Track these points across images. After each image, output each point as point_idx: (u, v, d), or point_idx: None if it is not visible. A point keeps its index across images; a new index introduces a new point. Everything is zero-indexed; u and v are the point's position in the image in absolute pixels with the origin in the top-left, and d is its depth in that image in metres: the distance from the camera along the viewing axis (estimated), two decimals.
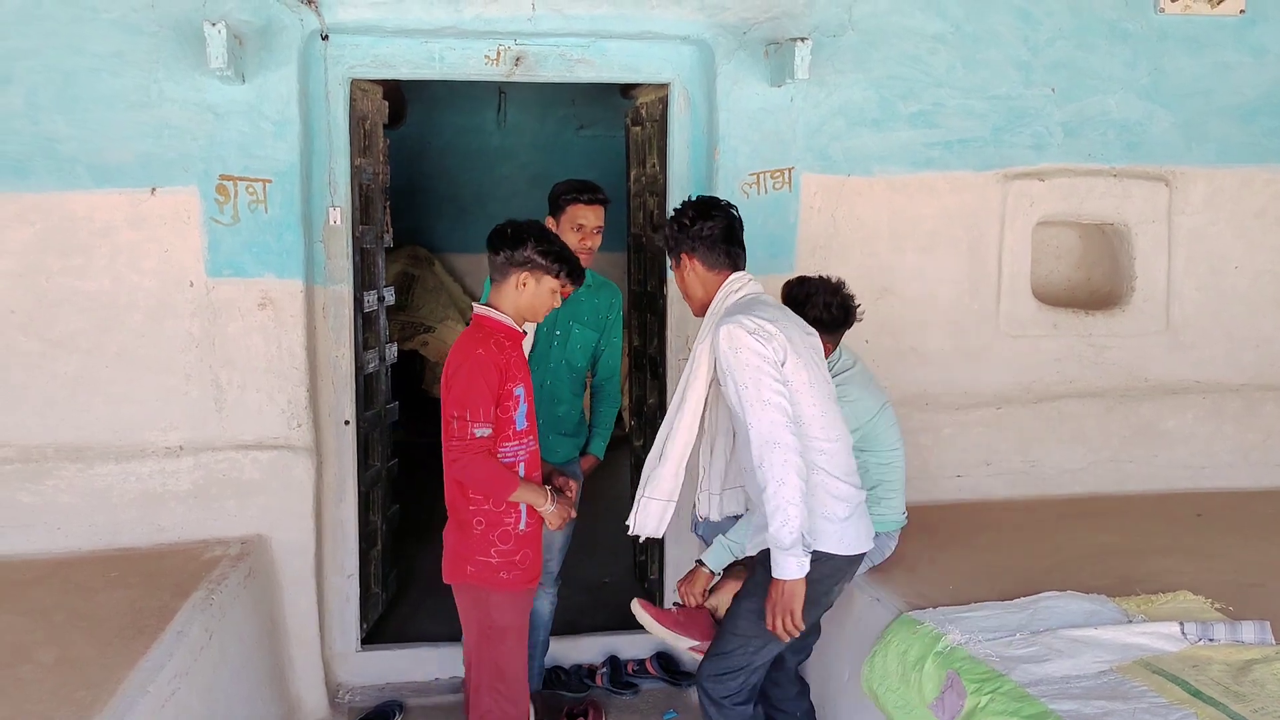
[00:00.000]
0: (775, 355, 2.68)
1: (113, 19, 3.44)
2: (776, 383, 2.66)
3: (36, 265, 3.53)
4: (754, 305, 2.81)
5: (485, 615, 3.04)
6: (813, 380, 2.77)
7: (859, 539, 2.84)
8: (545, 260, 2.93)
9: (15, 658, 2.77)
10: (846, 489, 2.80)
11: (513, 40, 3.81)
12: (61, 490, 3.58)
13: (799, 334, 2.82)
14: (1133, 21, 4.10)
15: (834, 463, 2.79)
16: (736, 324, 2.69)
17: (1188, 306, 4.36)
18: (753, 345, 2.66)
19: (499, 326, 2.96)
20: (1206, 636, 2.76)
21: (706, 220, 2.90)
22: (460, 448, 2.85)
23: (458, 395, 2.85)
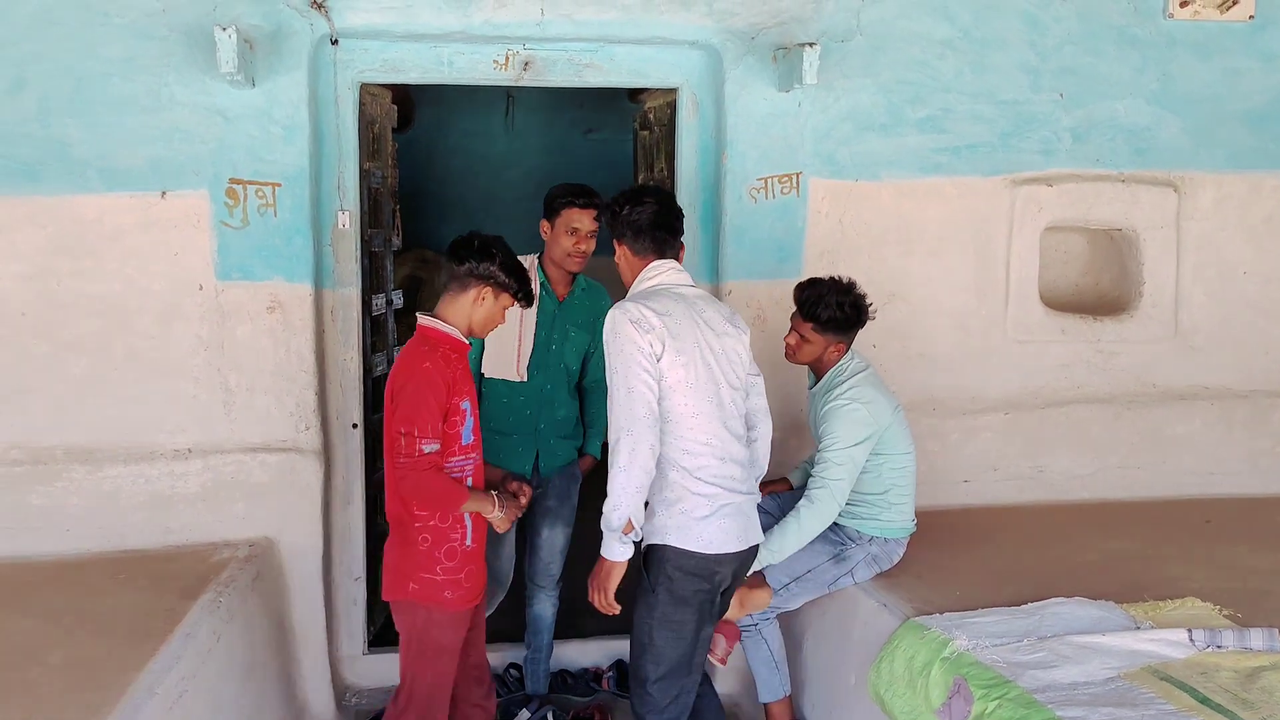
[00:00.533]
0: (651, 347, 2.69)
1: (124, 24, 3.46)
2: (645, 373, 2.68)
3: (47, 268, 3.54)
4: (654, 294, 2.82)
5: (425, 634, 2.93)
6: (695, 380, 2.74)
7: (720, 539, 2.77)
8: (507, 277, 2.90)
9: (24, 659, 2.78)
10: (711, 489, 2.76)
11: (521, 45, 3.82)
12: (71, 492, 3.59)
13: (695, 330, 2.78)
14: (1141, 27, 4.09)
15: (699, 463, 2.76)
16: (622, 310, 2.74)
17: (1196, 312, 4.35)
18: (629, 333, 2.69)
19: (445, 339, 2.88)
20: (1215, 643, 2.75)
21: (636, 206, 2.89)
22: (409, 465, 2.75)
23: (405, 411, 2.75)
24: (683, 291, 2.88)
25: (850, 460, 3.20)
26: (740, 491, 2.83)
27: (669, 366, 2.71)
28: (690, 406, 2.75)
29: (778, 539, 3.18)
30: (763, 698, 3.49)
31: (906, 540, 3.45)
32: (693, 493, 2.76)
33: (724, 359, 2.85)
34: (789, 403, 4.01)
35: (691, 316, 2.80)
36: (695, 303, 2.87)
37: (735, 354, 2.90)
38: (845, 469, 3.19)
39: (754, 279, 3.96)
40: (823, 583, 3.34)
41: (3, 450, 3.58)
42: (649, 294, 2.83)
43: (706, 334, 2.81)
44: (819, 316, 3.23)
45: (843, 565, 3.32)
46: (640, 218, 2.89)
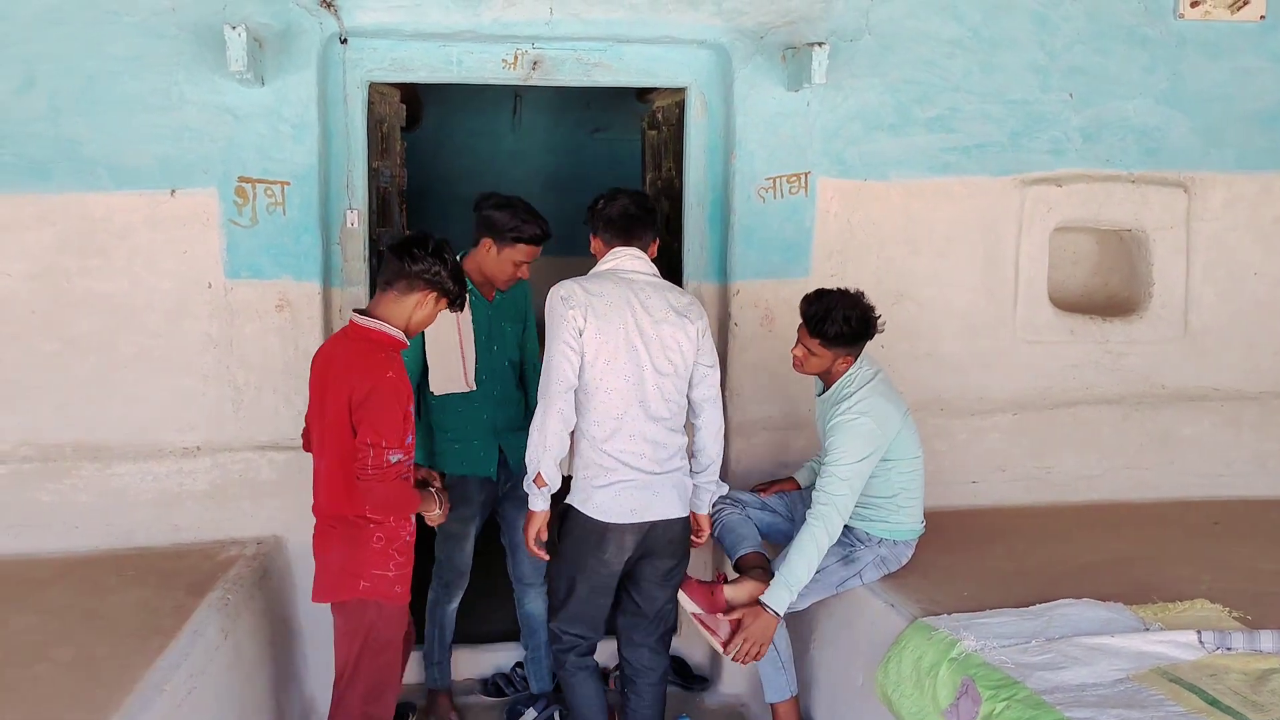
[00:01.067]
0: (574, 322, 2.92)
1: (134, 22, 3.46)
2: (567, 346, 2.92)
3: (56, 266, 3.55)
4: (598, 276, 3.06)
5: (372, 629, 2.95)
6: (613, 358, 2.94)
7: (613, 509, 3.01)
8: (451, 286, 2.90)
9: (32, 656, 2.79)
10: (612, 462, 2.99)
11: (530, 44, 3.82)
12: (79, 489, 3.60)
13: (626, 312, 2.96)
14: (1152, 27, 4.08)
15: (604, 435, 2.98)
16: (558, 286, 2.98)
17: (1206, 313, 4.33)
18: (558, 308, 2.95)
19: (392, 341, 2.87)
20: (1224, 645, 2.74)
21: (610, 202, 3.13)
22: (377, 476, 2.74)
23: (373, 422, 2.74)
24: (631, 276, 3.05)
25: (855, 475, 3.19)
26: (645, 470, 3.01)
27: (589, 342, 2.93)
28: (605, 382, 2.96)
29: (790, 571, 3.17)
30: (769, 698, 3.48)
31: (915, 542, 3.44)
32: (595, 462, 3.01)
33: (655, 344, 3.00)
34: (794, 404, 4.01)
35: (627, 299, 2.98)
36: (640, 288, 3.03)
37: (674, 342, 3.03)
38: (849, 484, 3.18)
39: (762, 278, 3.95)
40: (831, 584, 3.33)
41: (12, 447, 3.59)
42: (593, 275, 3.07)
43: (640, 318, 2.98)
44: (826, 333, 3.21)
45: (851, 567, 3.32)
46: (611, 210, 3.12)
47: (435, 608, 3.87)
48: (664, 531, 3.11)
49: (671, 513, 3.10)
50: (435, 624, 3.89)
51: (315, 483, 2.98)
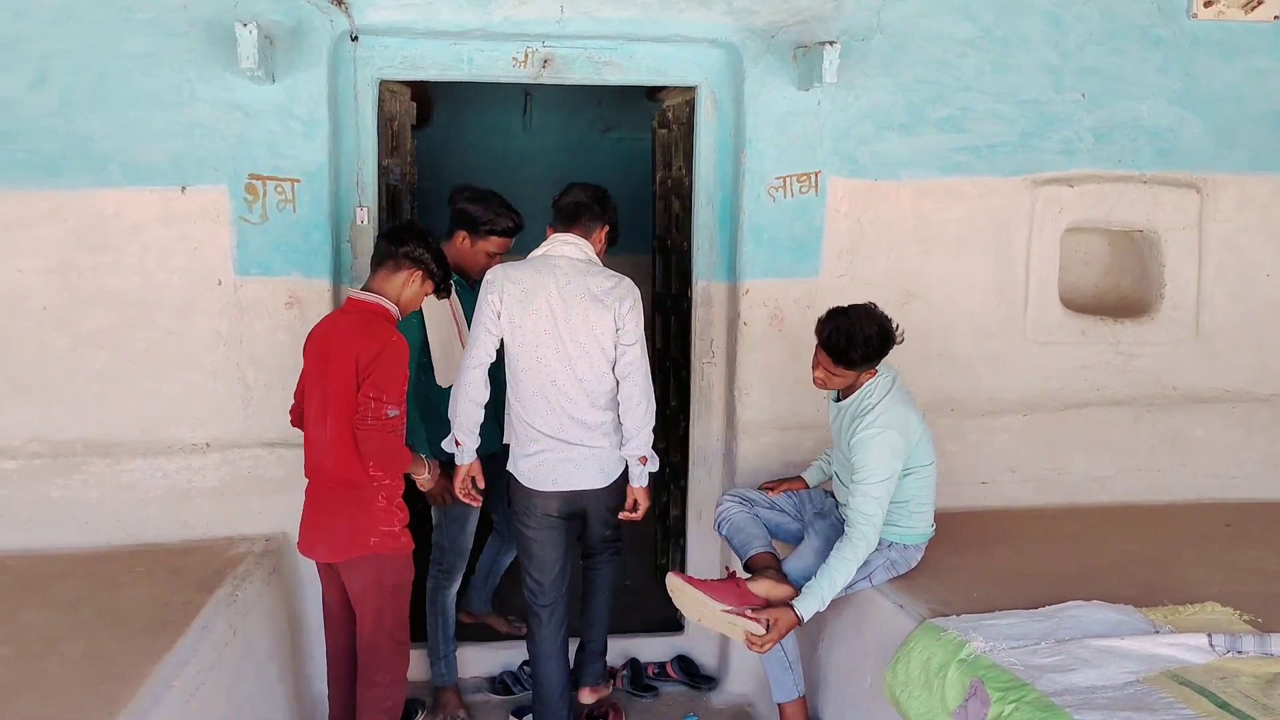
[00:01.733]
0: (493, 305, 3.22)
1: (146, 19, 3.47)
2: (485, 329, 3.22)
3: (68, 262, 3.57)
4: (527, 261, 3.31)
5: (385, 579, 3.23)
6: (534, 339, 3.22)
7: (536, 477, 3.34)
8: (435, 269, 3.22)
9: (43, 651, 2.80)
10: (534, 433, 3.30)
11: (541, 42, 3.82)
12: (90, 485, 3.62)
13: (545, 298, 3.21)
14: (1165, 27, 4.06)
15: (528, 409, 3.30)
16: (489, 272, 3.29)
17: (1218, 315, 4.31)
18: (483, 291, 3.25)
19: (388, 313, 3.17)
20: (1235, 648, 2.73)
21: (566, 193, 3.41)
22: (376, 426, 3.02)
23: (378, 379, 3.02)
24: (558, 262, 3.28)
25: (885, 492, 3.18)
26: (566, 441, 3.30)
27: (506, 324, 3.22)
28: (523, 361, 3.25)
29: (824, 584, 3.16)
30: (776, 698, 3.48)
31: (925, 546, 3.43)
32: (520, 433, 3.34)
33: (567, 327, 3.22)
34: (803, 403, 4.01)
35: (544, 285, 3.23)
36: (563, 273, 3.25)
37: (587, 324, 3.23)
38: (880, 502, 3.17)
39: (772, 278, 3.94)
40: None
41: (23, 443, 3.61)
42: (523, 261, 3.32)
43: (554, 302, 3.22)
44: (851, 359, 3.18)
45: (861, 570, 3.30)
46: (563, 200, 3.40)
47: (436, 594, 3.90)
48: (595, 499, 3.43)
49: (593, 483, 3.37)
50: (437, 612, 3.91)
51: (314, 451, 3.19)
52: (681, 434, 4.42)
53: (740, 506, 3.59)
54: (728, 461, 4.15)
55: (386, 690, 3.30)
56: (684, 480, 4.36)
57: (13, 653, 2.79)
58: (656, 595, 4.85)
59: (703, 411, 4.19)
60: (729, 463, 4.13)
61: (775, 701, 3.50)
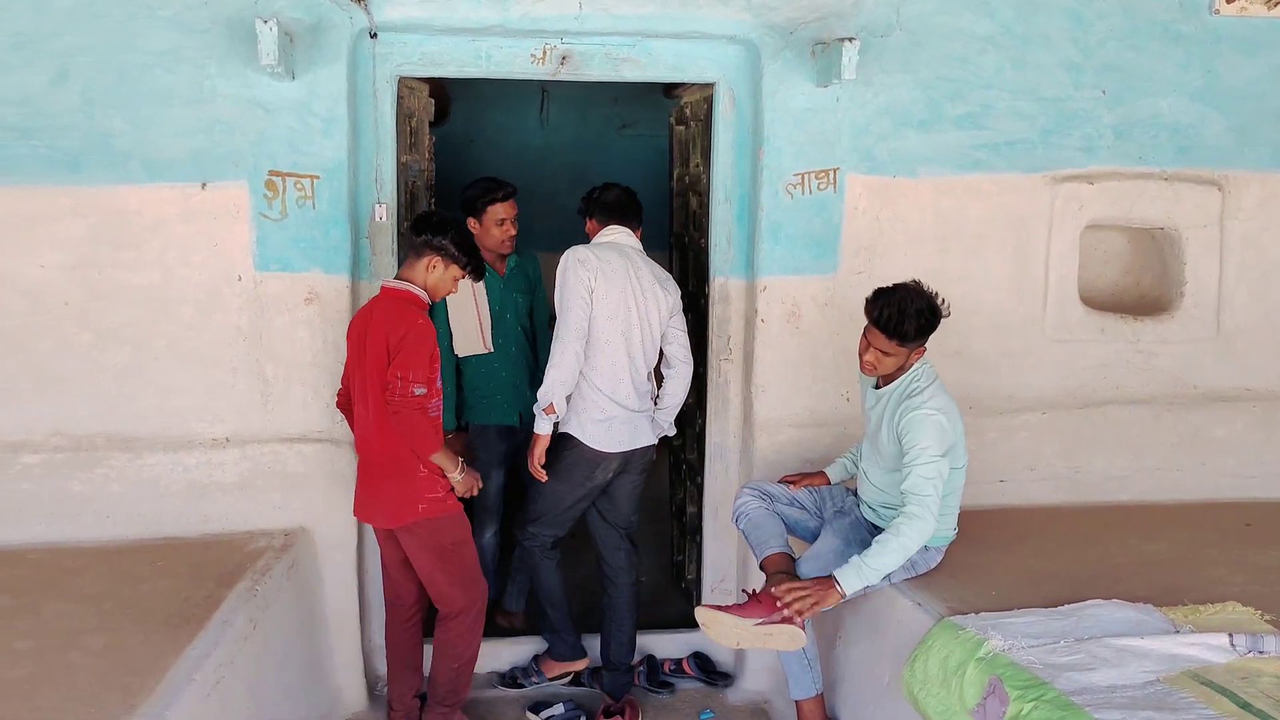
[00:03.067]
0: (587, 281, 3.49)
1: (167, 16, 3.49)
2: (582, 301, 3.48)
3: (89, 258, 3.59)
4: (602, 245, 3.64)
5: (441, 540, 3.44)
6: (614, 316, 3.54)
7: (605, 440, 3.64)
8: (458, 252, 3.37)
9: (65, 644, 2.82)
10: (606, 400, 3.60)
11: (559, 39, 3.82)
12: (111, 480, 3.64)
13: (625, 279, 3.56)
14: (1186, 23, 4.03)
15: (602, 379, 3.59)
16: (572, 251, 3.55)
17: (1239, 313, 4.28)
18: (575, 269, 3.50)
19: (418, 299, 3.37)
20: (1256, 649, 2.71)
21: (606, 192, 3.79)
22: (402, 403, 3.21)
23: (404, 359, 3.21)
24: (627, 250, 3.66)
25: (939, 474, 3.13)
26: (632, 409, 3.66)
27: (598, 300, 3.50)
28: (605, 335, 3.55)
29: (870, 560, 3.11)
30: (794, 695, 3.47)
31: (945, 548, 3.42)
32: (593, 401, 3.61)
33: (644, 307, 3.62)
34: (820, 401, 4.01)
35: (626, 268, 3.58)
36: (634, 259, 3.64)
37: (656, 305, 3.66)
38: (934, 484, 3.12)
39: (790, 275, 3.94)
40: None
41: (45, 437, 3.63)
42: (599, 245, 3.65)
43: (635, 284, 3.59)
44: (906, 333, 3.16)
45: None
46: (607, 197, 3.77)
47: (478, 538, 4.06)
48: (641, 455, 3.77)
49: (648, 440, 3.76)
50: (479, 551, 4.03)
51: (360, 427, 3.44)
52: (698, 431, 4.42)
53: (759, 501, 3.57)
54: (744, 459, 4.14)
55: (461, 637, 3.56)
56: (700, 477, 4.35)
57: (35, 646, 2.82)
58: (673, 592, 4.87)
59: (720, 409, 4.19)
60: (746, 460, 4.12)
61: (793, 698, 3.49)
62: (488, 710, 3.99)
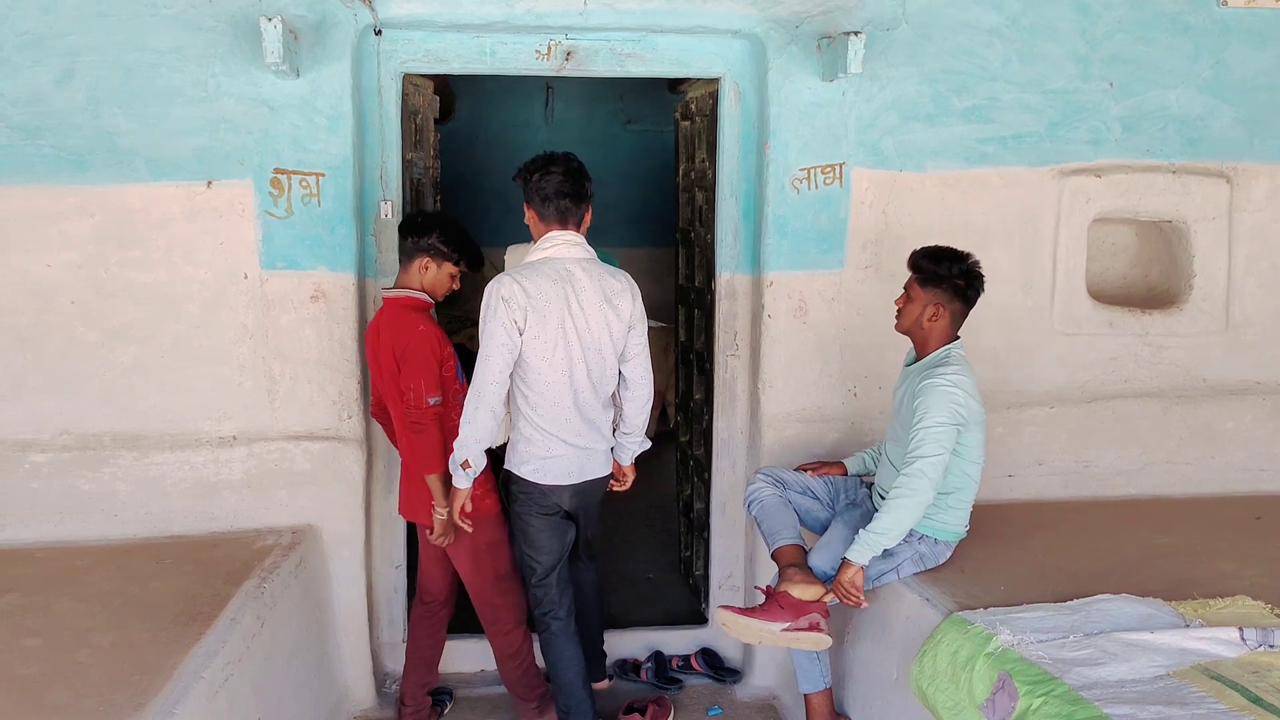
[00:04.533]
0: (517, 319, 3.11)
1: (172, 15, 3.49)
2: (503, 346, 3.11)
3: (95, 256, 3.59)
4: (535, 269, 3.19)
5: (477, 540, 3.41)
6: (550, 351, 3.17)
7: (546, 474, 3.32)
8: (447, 248, 3.35)
9: (74, 642, 2.83)
10: (549, 438, 3.27)
11: (564, 35, 3.81)
12: (119, 478, 3.65)
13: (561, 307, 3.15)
14: (1194, 15, 4.01)
15: (540, 414, 3.25)
16: (497, 283, 3.14)
17: (1249, 306, 4.26)
18: (497, 306, 3.11)
19: (418, 302, 3.36)
20: (1267, 643, 2.70)
21: (545, 175, 3.23)
22: (418, 414, 3.23)
23: (409, 370, 3.22)
24: (568, 266, 3.22)
25: (946, 438, 3.12)
26: (579, 446, 3.32)
27: (529, 340, 3.14)
28: (544, 376, 3.20)
29: (875, 527, 3.14)
30: (803, 688, 3.47)
31: (955, 544, 3.41)
32: (536, 439, 3.29)
33: (590, 335, 3.23)
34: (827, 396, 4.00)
35: (563, 294, 3.17)
36: (575, 279, 3.20)
37: (605, 327, 3.25)
38: (940, 444, 3.11)
39: (796, 270, 3.92)
40: (868, 578, 3.30)
41: (53, 436, 3.64)
42: (532, 267, 3.21)
43: (575, 311, 3.18)
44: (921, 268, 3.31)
45: (889, 561, 3.28)
46: (546, 186, 3.23)
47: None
48: (596, 487, 3.49)
49: (601, 472, 3.46)
50: None
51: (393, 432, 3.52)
52: (705, 427, 4.42)
53: (773, 489, 3.56)
54: (751, 454, 4.13)
55: (508, 638, 3.58)
56: (707, 473, 4.35)
57: (44, 644, 2.82)
58: (680, 588, 4.86)
59: (726, 404, 4.18)
60: (753, 456, 4.11)
61: (801, 692, 3.48)
62: (489, 708, 3.99)
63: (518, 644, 3.61)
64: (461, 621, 4.00)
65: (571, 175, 3.24)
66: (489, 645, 4.13)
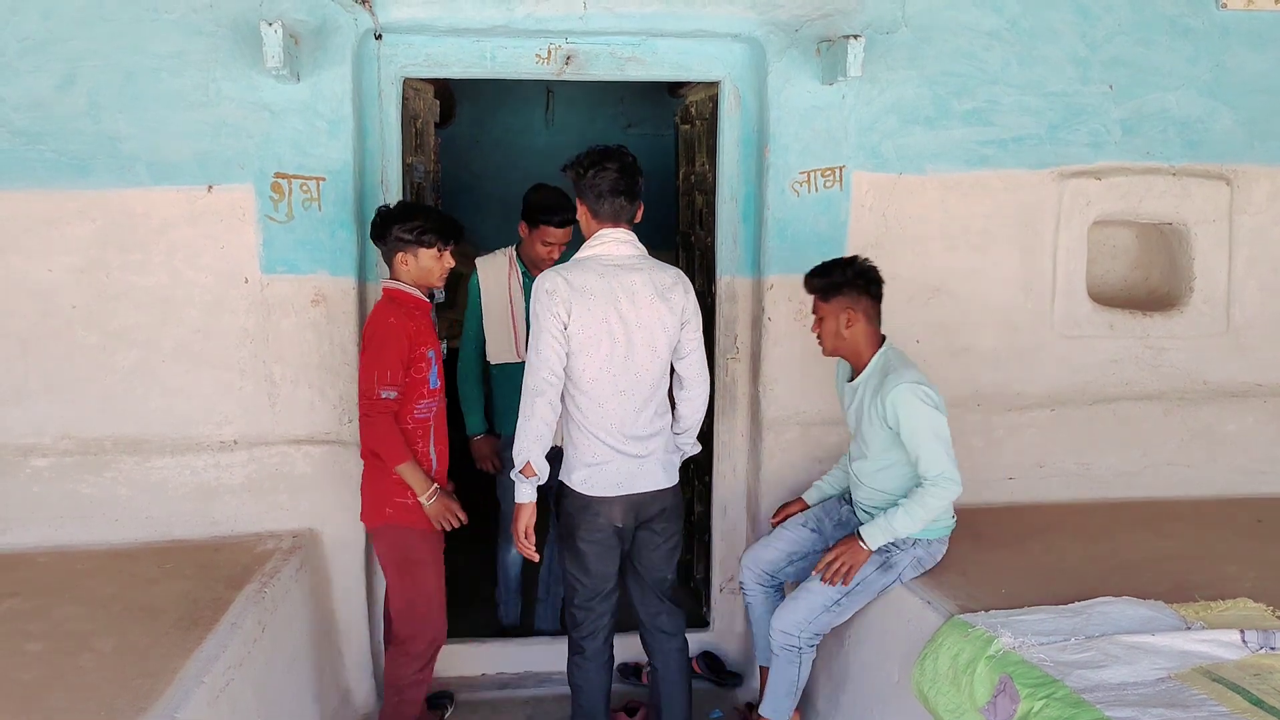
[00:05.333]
0: (560, 316, 2.98)
1: (173, 19, 3.50)
2: (554, 339, 2.98)
3: (97, 261, 3.60)
4: (583, 264, 3.06)
5: (404, 552, 3.34)
6: (596, 349, 3.01)
7: (593, 484, 3.11)
8: (410, 235, 3.25)
9: (76, 646, 2.83)
10: (596, 443, 3.09)
11: (564, 39, 3.82)
12: (120, 482, 3.65)
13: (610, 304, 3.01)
14: (1194, 17, 4.01)
15: (589, 418, 3.08)
16: (543, 278, 3.03)
17: (1249, 308, 4.26)
18: (544, 301, 2.99)
19: (407, 298, 3.31)
20: (1268, 645, 2.70)
21: (599, 172, 3.07)
22: (367, 405, 3.17)
23: (368, 360, 3.18)
24: (618, 262, 3.07)
25: (944, 432, 3.17)
26: (629, 453, 3.12)
27: (574, 335, 3.00)
28: (588, 373, 3.04)
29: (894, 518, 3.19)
30: (765, 712, 3.47)
31: (948, 538, 3.41)
32: (581, 443, 3.12)
33: (638, 330, 3.05)
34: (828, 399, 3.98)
35: (611, 290, 3.02)
36: (624, 274, 3.06)
37: (658, 324, 3.09)
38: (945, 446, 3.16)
39: (796, 273, 3.88)
40: (872, 591, 3.31)
41: (54, 440, 3.64)
42: (578, 263, 3.07)
43: (623, 306, 3.03)
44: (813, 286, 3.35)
45: (890, 573, 3.29)
46: (601, 183, 3.07)
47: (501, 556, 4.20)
48: (654, 501, 3.21)
49: (657, 484, 3.20)
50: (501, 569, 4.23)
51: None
52: (705, 430, 4.41)
53: (761, 593, 3.62)
54: (752, 457, 4.13)
55: (402, 660, 3.40)
56: (708, 476, 4.35)
57: (46, 648, 2.82)
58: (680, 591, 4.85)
59: (727, 407, 4.18)
60: (754, 458, 4.11)
61: (763, 714, 3.48)
62: (490, 712, 3.99)
63: (407, 679, 3.41)
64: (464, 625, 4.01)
65: (626, 172, 3.09)
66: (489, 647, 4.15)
